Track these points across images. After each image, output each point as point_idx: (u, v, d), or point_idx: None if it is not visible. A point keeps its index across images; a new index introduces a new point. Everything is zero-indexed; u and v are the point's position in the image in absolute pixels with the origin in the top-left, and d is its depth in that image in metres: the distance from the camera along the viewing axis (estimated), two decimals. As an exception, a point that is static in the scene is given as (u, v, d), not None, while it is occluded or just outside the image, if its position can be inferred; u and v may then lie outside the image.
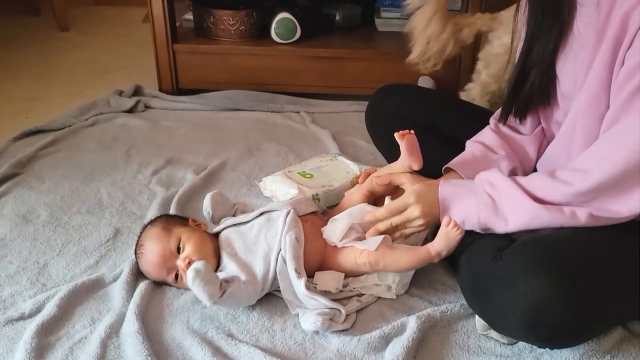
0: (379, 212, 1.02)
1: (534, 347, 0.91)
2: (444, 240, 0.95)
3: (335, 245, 1.03)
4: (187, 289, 1.03)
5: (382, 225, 1.01)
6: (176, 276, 1.03)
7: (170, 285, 1.05)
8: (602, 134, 0.84)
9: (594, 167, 0.83)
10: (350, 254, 1.01)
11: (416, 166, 1.09)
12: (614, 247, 0.86)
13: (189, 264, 0.99)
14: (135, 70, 2.16)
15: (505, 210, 0.90)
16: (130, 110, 1.83)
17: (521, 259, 0.82)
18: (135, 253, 1.06)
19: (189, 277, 0.90)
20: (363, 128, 1.45)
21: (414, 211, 0.99)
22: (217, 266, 1.03)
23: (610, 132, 0.83)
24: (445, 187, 0.98)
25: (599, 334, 0.90)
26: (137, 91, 1.94)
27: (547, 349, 0.90)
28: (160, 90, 1.95)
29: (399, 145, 1.33)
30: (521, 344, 0.92)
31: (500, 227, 0.90)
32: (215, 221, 1.14)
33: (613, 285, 0.82)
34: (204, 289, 0.90)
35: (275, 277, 1.00)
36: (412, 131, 1.10)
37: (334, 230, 1.04)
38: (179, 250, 1.02)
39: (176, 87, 1.95)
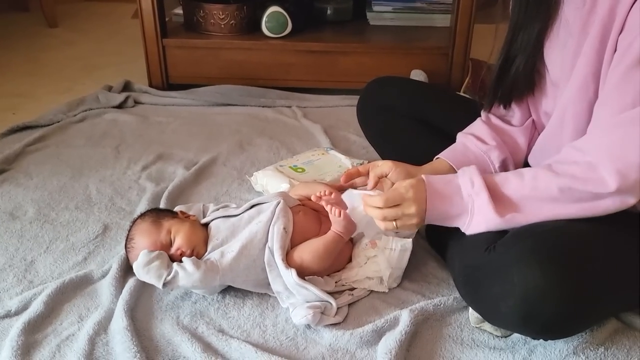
0: (373, 200, 0.92)
1: (528, 339, 0.91)
2: (336, 225, 0.99)
3: None
4: None
5: (384, 217, 0.92)
6: None
7: None
8: (594, 116, 0.84)
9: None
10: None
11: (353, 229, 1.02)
12: (608, 238, 0.85)
13: (181, 254, 0.99)
14: (125, 66, 2.13)
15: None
16: (120, 106, 1.81)
17: (514, 250, 0.80)
18: (126, 247, 1.04)
19: (134, 268, 0.97)
20: (355, 122, 1.44)
21: (410, 208, 0.90)
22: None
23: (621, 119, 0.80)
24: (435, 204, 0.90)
25: (592, 325, 0.89)
26: (126, 87, 1.92)
27: (541, 340, 0.89)
28: (150, 85, 1.93)
29: (390, 139, 1.32)
30: (515, 336, 0.92)
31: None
32: None
33: (607, 276, 0.81)
34: (147, 277, 0.95)
35: (262, 268, 0.98)
36: (332, 194, 1.00)
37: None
38: (171, 243, 1.01)
39: (166, 82, 1.93)
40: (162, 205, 1.26)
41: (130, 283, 1.02)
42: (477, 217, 0.88)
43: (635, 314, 0.93)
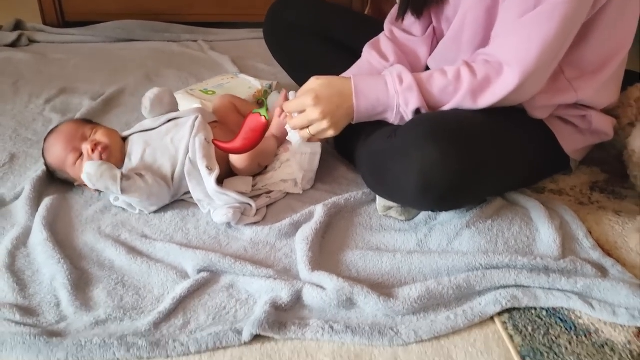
0: (286, 106, 0.99)
1: (429, 220, 1.01)
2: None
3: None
4: (84, 186, 1.03)
5: (294, 125, 0.97)
6: (75, 162, 1.03)
7: (66, 182, 1.06)
8: (500, 19, 0.91)
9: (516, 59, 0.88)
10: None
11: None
12: (498, 125, 0.95)
13: (96, 146, 1.01)
14: (14, 4, 2.01)
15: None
16: (13, 45, 1.72)
17: (412, 132, 0.89)
18: (43, 148, 1.06)
19: (85, 179, 0.95)
20: (263, 53, 1.47)
21: (313, 113, 0.93)
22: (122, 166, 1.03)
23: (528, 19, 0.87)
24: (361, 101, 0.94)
25: (481, 199, 1.01)
26: (18, 26, 1.82)
27: (439, 219, 1.00)
28: (45, 23, 1.85)
29: (299, 59, 1.37)
30: (417, 218, 1.02)
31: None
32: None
33: (494, 156, 0.92)
34: (103, 180, 0.95)
35: (183, 180, 1.02)
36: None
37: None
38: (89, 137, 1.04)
39: (62, 20, 1.85)
40: (71, 133, 1.24)
41: (47, 201, 1.01)
42: (405, 111, 0.94)
43: (518, 193, 1.07)
